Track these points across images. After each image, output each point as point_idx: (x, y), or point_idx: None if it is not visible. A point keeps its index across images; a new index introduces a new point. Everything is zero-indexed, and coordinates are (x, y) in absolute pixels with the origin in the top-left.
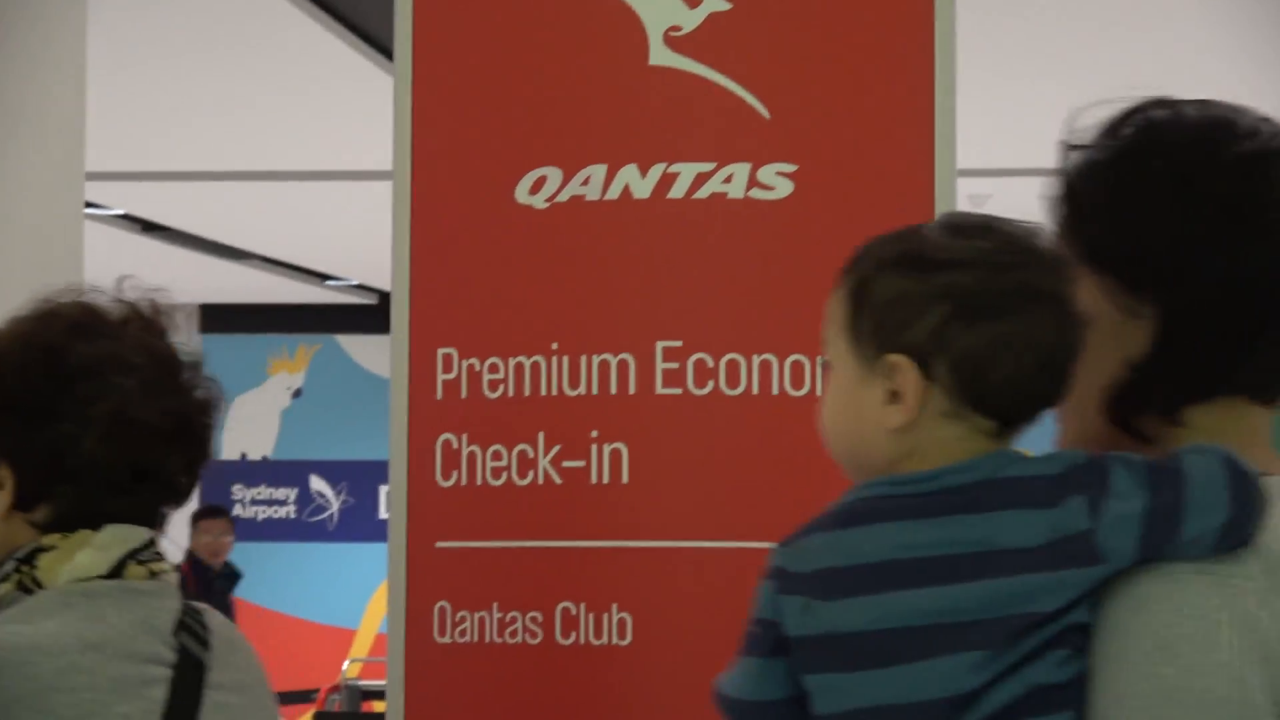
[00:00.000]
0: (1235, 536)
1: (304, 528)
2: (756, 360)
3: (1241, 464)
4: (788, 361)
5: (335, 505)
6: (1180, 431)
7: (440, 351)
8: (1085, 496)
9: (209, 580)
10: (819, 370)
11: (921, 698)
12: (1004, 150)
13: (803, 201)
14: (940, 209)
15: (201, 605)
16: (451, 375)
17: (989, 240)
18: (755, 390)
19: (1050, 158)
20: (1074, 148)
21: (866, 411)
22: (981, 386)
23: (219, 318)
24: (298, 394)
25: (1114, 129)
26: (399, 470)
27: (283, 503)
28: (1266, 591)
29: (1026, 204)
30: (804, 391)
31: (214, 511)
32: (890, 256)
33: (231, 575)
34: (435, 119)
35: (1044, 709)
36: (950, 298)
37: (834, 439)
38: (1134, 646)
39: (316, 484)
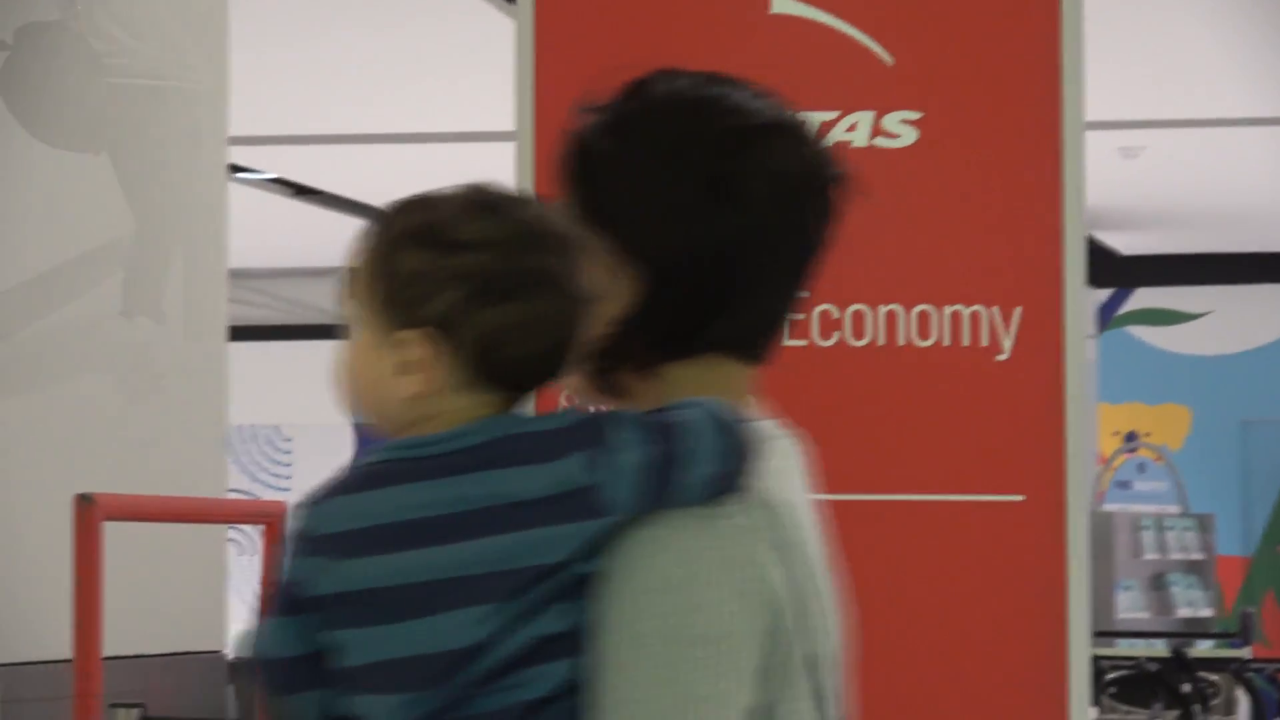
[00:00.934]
0: (726, 483)
1: None
2: (882, 311)
3: (730, 416)
4: (914, 312)
5: None
6: (658, 386)
7: None
8: (584, 451)
9: None
10: (945, 320)
11: (432, 650)
12: (1158, 101)
13: (928, 149)
14: (1068, 156)
15: None
16: None
17: (505, 221)
18: (881, 341)
19: (1205, 107)
20: (587, 110)
21: (381, 377)
22: (492, 364)
23: None
24: None
25: (620, 95)
26: None
27: None
28: (750, 532)
29: (1181, 156)
30: (930, 342)
31: None
32: (410, 229)
33: None
34: (557, 75)
35: (546, 658)
36: (465, 279)
37: (350, 398)
38: (634, 588)
39: None
